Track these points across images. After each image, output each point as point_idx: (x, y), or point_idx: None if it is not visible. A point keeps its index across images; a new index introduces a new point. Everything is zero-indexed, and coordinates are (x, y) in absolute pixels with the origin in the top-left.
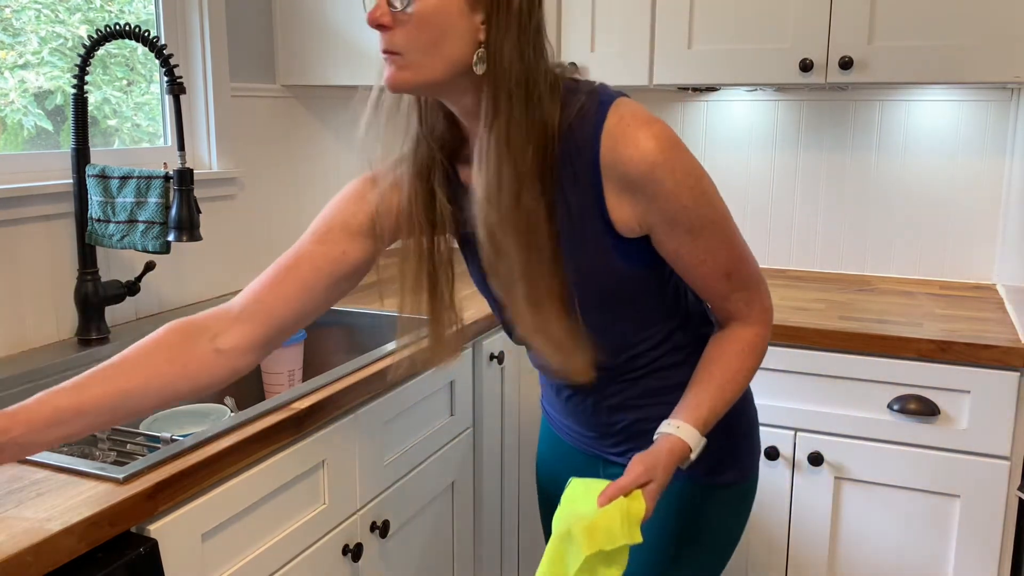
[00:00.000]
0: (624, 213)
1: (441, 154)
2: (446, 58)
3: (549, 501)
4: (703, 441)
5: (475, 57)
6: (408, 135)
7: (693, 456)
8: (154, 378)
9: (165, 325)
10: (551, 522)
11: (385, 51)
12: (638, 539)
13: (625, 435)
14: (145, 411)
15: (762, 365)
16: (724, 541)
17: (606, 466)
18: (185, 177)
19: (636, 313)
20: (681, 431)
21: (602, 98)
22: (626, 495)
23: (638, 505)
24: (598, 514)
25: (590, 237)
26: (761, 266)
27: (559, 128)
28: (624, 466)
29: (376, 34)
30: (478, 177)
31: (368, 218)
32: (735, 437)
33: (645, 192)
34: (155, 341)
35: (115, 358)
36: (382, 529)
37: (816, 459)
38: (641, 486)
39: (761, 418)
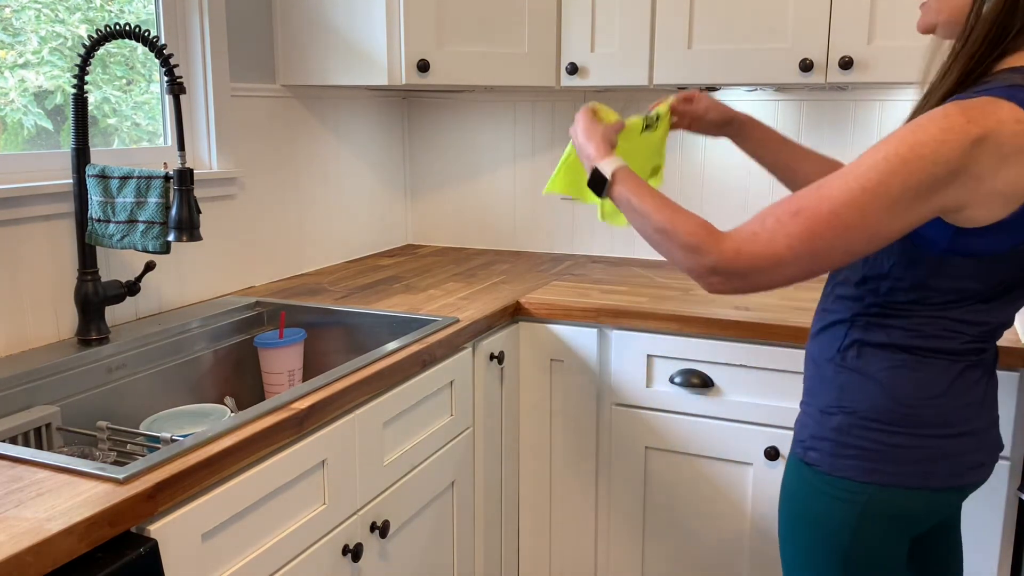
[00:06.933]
0: None
1: None
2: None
3: None
4: (604, 169)
5: None
6: None
7: (589, 164)
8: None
9: None
10: None
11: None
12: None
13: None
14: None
15: (762, 365)
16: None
17: None
18: (185, 177)
19: None
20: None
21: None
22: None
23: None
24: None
25: None
26: None
27: None
28: None
29: (376, 32)
30: None
31: None
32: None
33: None
34: None
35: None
36: (382, 529)
37: None
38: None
39: (761, 418)
